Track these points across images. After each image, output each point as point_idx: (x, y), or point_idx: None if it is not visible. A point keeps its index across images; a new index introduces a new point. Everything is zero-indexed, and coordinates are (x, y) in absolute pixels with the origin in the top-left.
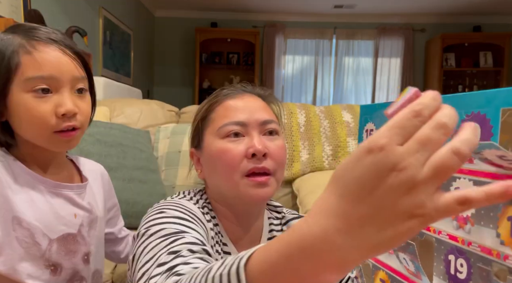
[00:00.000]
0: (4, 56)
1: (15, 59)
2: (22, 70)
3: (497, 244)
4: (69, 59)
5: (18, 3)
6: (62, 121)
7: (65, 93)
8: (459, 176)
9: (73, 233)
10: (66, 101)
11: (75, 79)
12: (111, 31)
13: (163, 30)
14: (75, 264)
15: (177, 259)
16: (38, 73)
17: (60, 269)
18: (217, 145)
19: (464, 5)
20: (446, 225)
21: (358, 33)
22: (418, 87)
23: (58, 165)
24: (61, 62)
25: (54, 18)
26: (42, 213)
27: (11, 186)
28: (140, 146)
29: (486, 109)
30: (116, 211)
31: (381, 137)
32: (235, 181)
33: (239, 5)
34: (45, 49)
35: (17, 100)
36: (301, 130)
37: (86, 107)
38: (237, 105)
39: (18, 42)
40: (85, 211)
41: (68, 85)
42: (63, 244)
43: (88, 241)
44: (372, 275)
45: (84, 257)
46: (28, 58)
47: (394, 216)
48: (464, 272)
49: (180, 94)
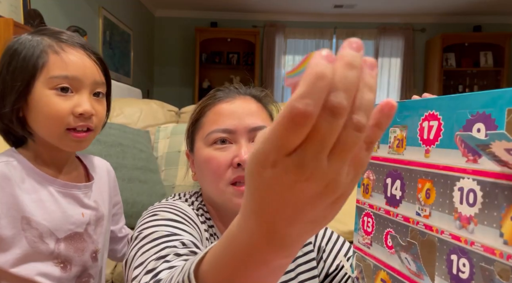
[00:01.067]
0: (33, 54)
1: (43, 58)
2: (48, 69)
3: (500, 244)
4: (93, 63)
5: (18, 3)
6: (78, 120)
7: (85, 94)
8: (462, 175)
9: (80, 232)
10: (85, 102)
11: (96, 83)
12: (110, 31)
13: (163, 30)
14: (84, 261)
15: (163, 264)
16: (63, 73)
17: (70, 266)
18: (203, 152)
19: (464, 5)
20: (449, 225)
21: (358, 33)
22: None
23: (70, 165)
24: (85, 65)
25: (54, 18)
26: (50, 213)
27: (20, 186)
28: (140, 146)
29: (491, 109)
30: (119, 209)
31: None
32: (221, 189)
33: (239, 5)
34: (72, 51)
35: (39, 96)
36: None
37: (102, 111)
38: (227, 110)
39: (48, 43)
40: (91, 209)
41: (89, 88)
42: (70, 243)
43: (95, 239)
44: (373, 275)
45: (92, 254)
46: (55, 57)
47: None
48: (467, 272)
49: (180, 94)
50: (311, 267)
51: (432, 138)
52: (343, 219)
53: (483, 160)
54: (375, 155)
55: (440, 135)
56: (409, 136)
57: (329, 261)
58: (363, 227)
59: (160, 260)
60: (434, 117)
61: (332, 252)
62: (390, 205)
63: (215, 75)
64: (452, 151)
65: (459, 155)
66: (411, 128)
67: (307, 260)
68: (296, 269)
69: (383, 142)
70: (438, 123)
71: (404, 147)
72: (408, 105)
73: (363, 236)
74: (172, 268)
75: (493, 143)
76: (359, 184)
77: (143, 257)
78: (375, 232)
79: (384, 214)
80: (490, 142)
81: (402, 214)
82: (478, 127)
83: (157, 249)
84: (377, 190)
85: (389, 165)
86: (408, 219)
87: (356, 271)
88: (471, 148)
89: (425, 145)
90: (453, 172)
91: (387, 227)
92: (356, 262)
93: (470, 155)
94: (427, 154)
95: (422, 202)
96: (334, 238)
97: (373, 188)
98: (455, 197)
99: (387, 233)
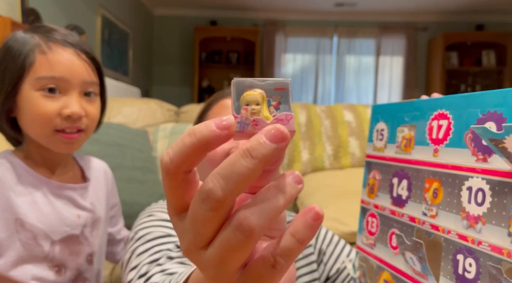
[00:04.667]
0: (21, 54)
1: (30, 58)
2: (35, 69)
3: (508, 243)
4: (82, 63)
5: (16, 2)
6: (66, 122)
7: (73, 96)
8: (471, 175)
9: (76, 234)
10: (73, 103)
11: (85, 83)
12: (109, 30)
13: (162, 28)
14: (79, 264)
15: (155, 268)
16: (49, 74)
17: (64, 269)
18: None
19: (467, 4)
20: (456, 225)
21: (359, 32)
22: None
23: (65, 166)
24: (73, 65)
25: (52, 16)
26: (45, 214)
27: (13, 188)
28: (139, 146)
29: (503, 108)
30: (117, 210)
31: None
32: None
33: (238, 3)
34: (60, 51)
35: (26, 97)
36: (302, 130)
37: (94, 111)
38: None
39: (36, 42)
40: (88, 211)
41: (78, 88)
42: (66, 245)
43: (92, 242)
44: (376, 276)
45: (88, 257)
46: (42, 58)
47: None
48: (473, 272)
49: (179, 93)
50: (311, 270)
51: (441, 137)
52: (344, 219)
53: (492, 158)
54: (381, 155)
55: (450, 134)
56: (418, 135)
57: (329, 264)
58: (367, 227)
59: (152, 263)
60: (443, 117)
61: (332, 255)
62: (395, 205)
63: (215, 74)
64: (461, 150)
65: (469, 154)
66: (420, 128)
67: (307, 262)
68: (296, 272)
69: (391, 141)
70: (448, 123)
71: (412, 146)
72: (417, 105)
73: (367, 237)
74: (164, 271)
75: (507, 136)
76: (364, 184)
77: (137, 260)
78: (379, 233)
79: (389, 214)
80: (505, 136)
81: (408, 214)
82: (489, 126)
83: (151, 252)
84: (382, 190)
85: (396, 164)
86: (414, 219)
87: (359, 271)
88: (481, 146)
89: (434, 144)
90: (462, 171)
91: (392, 227)
92: (359, 262)
93: (479, 153)
94: (435, 153)
95: (429, 201)
96: (335, 241)
97: (378, 188)
98: (463, 197)
99: (391, 233)
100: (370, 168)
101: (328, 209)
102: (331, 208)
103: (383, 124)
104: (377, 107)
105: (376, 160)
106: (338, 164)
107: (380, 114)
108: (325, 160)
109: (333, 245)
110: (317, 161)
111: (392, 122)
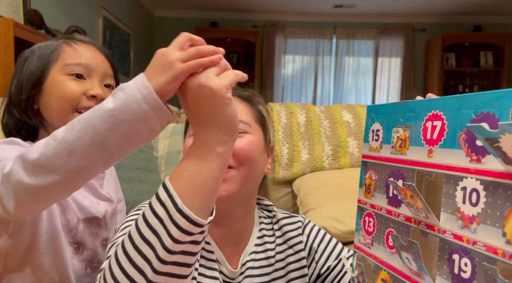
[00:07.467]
0: (49, 49)
1: (58, 50)
2: (63, 58)
3: (503, 243)
4: (103, 57)
5: (18, 3)
6: (90, 101)
7: (96, 81)
8: (466, 175)
9: (99, 217)
10: (97, 86)
11: (106, 75)
12: (110, 31)
13: (162, 29)
14: (95, 246)
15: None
16: (77, 60)
17: (82, 248)
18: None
19: (465, 5)
20: (451, 225)
21: (358, 33)
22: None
23: None
24: (96, 56)
25: (54, 18)
26: (75, 192)
27: None
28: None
29: (496, 109)
30: (122, 206)
31: None
32: None
33: (239, 4)
34: (85, 45)
35: (53, 81)
36: (301, 130)
37: None
38: None
39: (62, 41)
40: (106, 200)
41: (99, 76)
42: (87, 226)
43: (109, 227)
44: (374, 275)
45: (102, 242)
46: (69, 49)
47: None
48: (468, 271)
49: None
50: (301, 266)
51: (436, 138)
52: (343, 218)
53: (486, 159)
54: (377, 155)
55: (444, 135)
56: (412, 136)
57: (321, 262)
58: (364, 227)
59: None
60: (437, 118)
61: (324, 253)
62: (391, 205)
63: None
64: (455, 150)
65: (463, 154)
66: (415, 129)
67: (298, 258)
68: (286, 267)
69: (386, 142)
70: (442, 124)
71: (407, 147)
72: (411, 106)
73: (364, 236)
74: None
75: (503, 135)
76: (361, 184)
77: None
78: (376, 232)
79: (385, 214)
80: (500, 135)
81: (404, 214)
82: None
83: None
84: (378, 190)
85: (391, 165)
86: (410, 218)
87: (357, 271)
88: (475, 147)
89: (429, 144)
90: (456, 171)
91: (388, 227)
92: (356, 262)
93: (473, 154)
94: (430, 154)
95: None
96: (326, 239)
97: (375, 188)
98: (457, 197)
99: (388, 233)
100: (367, 168)
101: (327, 208)
102: (330, 207)
103: (378, 125)
104: (372, 108)
105: (372, 160)
106: (337, 164)
107: (375, 115)
108: (324, 160)
109: (324, 243)
110: (316, 160)
111: (387, 123)
